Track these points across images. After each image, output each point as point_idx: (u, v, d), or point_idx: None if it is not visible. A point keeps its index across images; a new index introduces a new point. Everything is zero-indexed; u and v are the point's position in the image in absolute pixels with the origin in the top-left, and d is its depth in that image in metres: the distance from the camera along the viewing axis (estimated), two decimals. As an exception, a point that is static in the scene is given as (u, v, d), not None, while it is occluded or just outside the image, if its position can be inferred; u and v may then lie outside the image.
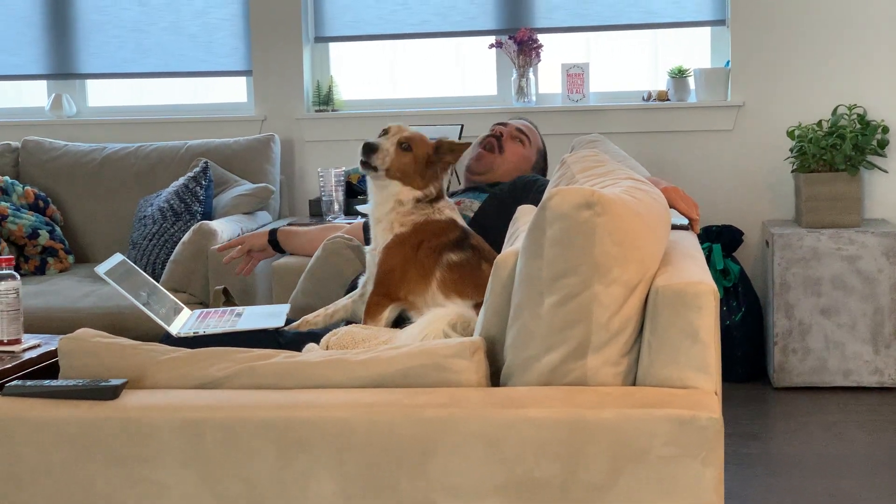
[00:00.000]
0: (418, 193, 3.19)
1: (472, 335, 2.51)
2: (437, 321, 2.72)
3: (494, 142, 3.84)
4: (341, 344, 2.84)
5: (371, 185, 3.23)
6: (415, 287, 3.13)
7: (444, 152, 3.21)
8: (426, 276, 3.11)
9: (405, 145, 3.20)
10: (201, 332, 3.06)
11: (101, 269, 2.98)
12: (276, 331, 3.15)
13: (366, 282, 3.28)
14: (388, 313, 3.14)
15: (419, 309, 3.12)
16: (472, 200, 3.57)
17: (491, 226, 3.33)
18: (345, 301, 3.33)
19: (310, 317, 3.30)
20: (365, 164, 3.16)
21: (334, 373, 2.17)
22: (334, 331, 2.94)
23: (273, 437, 2.03)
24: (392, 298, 3.14)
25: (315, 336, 3.00)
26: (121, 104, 5.98)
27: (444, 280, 3.10)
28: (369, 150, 3.16)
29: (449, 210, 3.23)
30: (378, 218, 3.22)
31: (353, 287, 3.46)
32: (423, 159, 3.21)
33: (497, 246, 3.19)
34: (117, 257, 3.09)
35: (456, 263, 3.11)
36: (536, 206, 2.92)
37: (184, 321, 3.17)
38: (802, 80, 5.20)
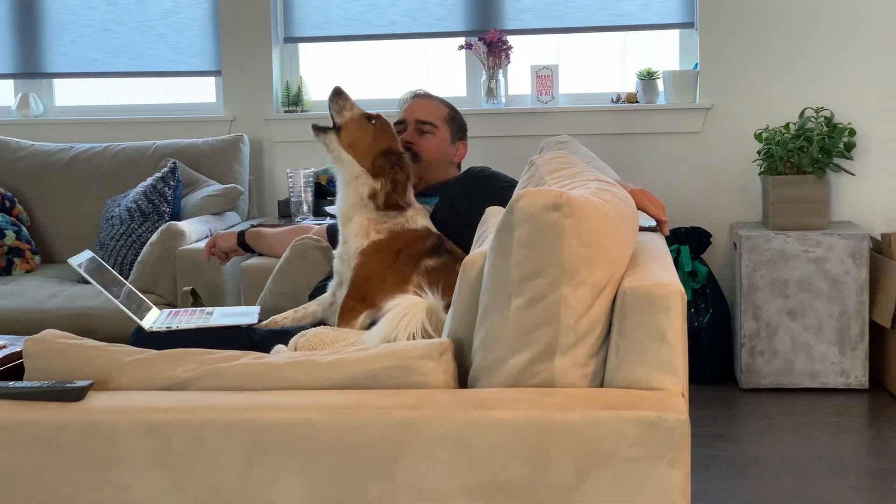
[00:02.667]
0: (374, 184, 3.19)
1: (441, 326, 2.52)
2: (409, 318, 2.69)
3: (409, 155, 3.73)
4: (310, 345, 2.84)
5: (336, 174, 3.25)
6: (392, 293, 3.12)
7: (399, 162, 3.25)
8: (403, 282, 3.11)
9: (373, 120, 3.21)
10: (174, 327, 3.05)
11: (74, 261, 2.96)
12: (249, 328, 3.15)
13: (335, 288, 3.28)
14: (363, 319, 3.14)
15: None
16: (424, 205, 3.57)
17: (446, 228, 3.33)
18: (313, 307, 3.33)
19: (278, 317, 3.29)
20: (330, 111, 3.21)
21: (301, 374, 2.16)
22: (303, 332, 2.93)
23: (239, 439, 2.02)
24: (368, 304, 3.14)
25: (287, 335, 3.00)
26: (88, 104, 5.94)
27: (422, 284, 3.09)
28: (338, 93, 3.19)
29: (421, 219, 3.24)
30: (348, 215, 3.22)
31: (317, 291, 3.46)
32: (381, 145, 3.22)
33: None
34: (87, 253, 3.08)
35: (433, 268, 3.12)
36: (493, 200, 2.93)
37: (154, 318, 3.15)
38: (770, 83, 5.23)
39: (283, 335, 3.05)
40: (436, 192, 3.57)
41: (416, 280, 3.10)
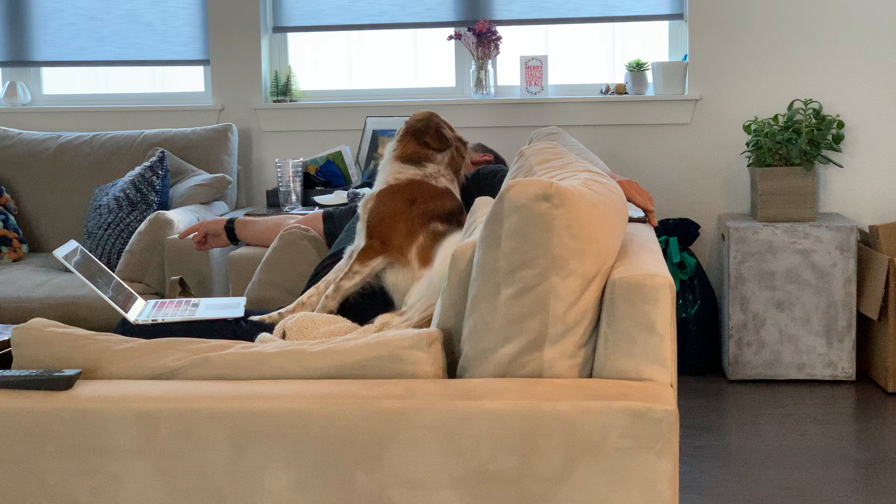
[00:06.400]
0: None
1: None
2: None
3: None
4: (298, 327, 2.83)
5: None
6: (400, 243, 3.13)
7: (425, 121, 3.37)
8: (411, 235, 3.12)
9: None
10: (160, 320, 3.04)
11: (59, 253, 2.95)
12: (235, 321, 3.14)
13: (352, 252, 3.26)
14: (379, 262, 3.14)
15: (396, 272, 3.13)
16: None
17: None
18: (332, 275, 3.29)
19: (286, 309, 3.24)
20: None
21: (290, 364, 2.16)
22: (290, 316, 2.93)
23: (228, 428, 2.02)
24: (386, 247, 3.14)
25: (269, 328, 2.99)
26: (76, 92, 5.92)
27: (425, 247, 3.10)
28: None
29: (445, 181, 3.25)
30: (382, 160, 3.34)
31: (313, 279, 3.44)
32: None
33: None
34: (72, 244, 3.07)
35: (440, 233, 3.12)
36: (492, 192, 2.93)
37: (139, 310, 3.14)
38: (759, 75, 5.24)
39: (265, 328, 3.04)
40: None
41: (422, 239, 3.10)
